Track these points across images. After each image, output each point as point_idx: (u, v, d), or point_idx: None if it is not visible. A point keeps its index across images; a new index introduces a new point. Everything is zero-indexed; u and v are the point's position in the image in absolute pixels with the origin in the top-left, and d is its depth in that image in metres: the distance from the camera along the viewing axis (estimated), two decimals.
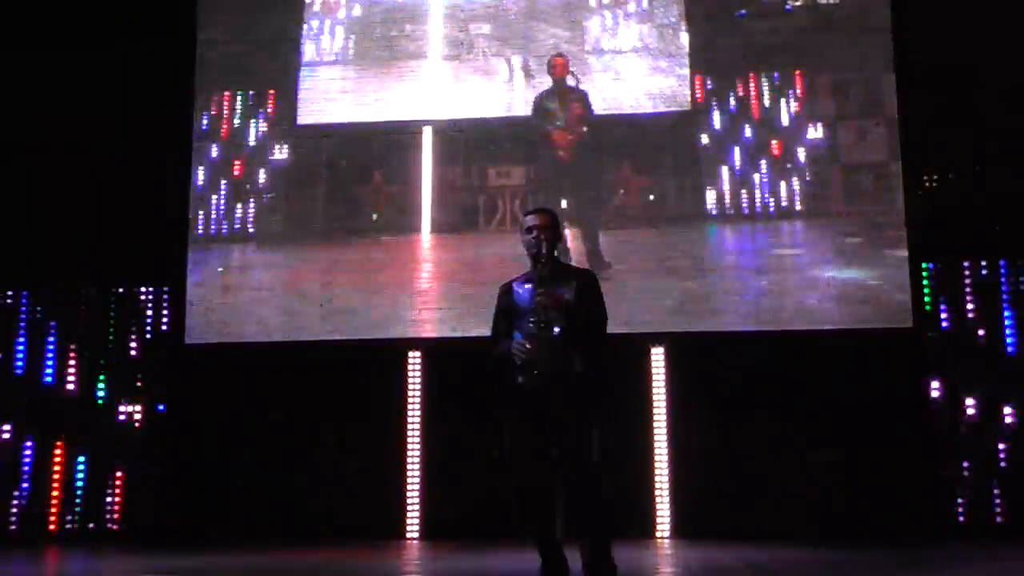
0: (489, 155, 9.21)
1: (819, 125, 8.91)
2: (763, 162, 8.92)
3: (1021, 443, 8.43)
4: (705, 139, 9.00)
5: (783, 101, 8.97)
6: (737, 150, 8.96)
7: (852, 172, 8.80)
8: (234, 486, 9.65)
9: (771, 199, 8.86)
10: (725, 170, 8.94)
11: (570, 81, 9.16)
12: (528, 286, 4.90)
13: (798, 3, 9.10)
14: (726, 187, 8.91)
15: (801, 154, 8.89)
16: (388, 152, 9.30)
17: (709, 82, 9.05)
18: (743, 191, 8.89)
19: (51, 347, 9.40)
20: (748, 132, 8.97)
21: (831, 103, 8.91)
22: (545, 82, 9.23)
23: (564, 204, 8.94)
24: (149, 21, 9.50)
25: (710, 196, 8.92)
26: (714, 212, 8.90)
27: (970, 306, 8.63)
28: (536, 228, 4.89)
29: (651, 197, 8.99)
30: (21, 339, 9.41)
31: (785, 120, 8.96)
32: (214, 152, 9.41)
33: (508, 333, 4.91)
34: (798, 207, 8.82)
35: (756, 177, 8.90)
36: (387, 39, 9.48)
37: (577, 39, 9.30)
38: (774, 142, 8.95)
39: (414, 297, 9.00)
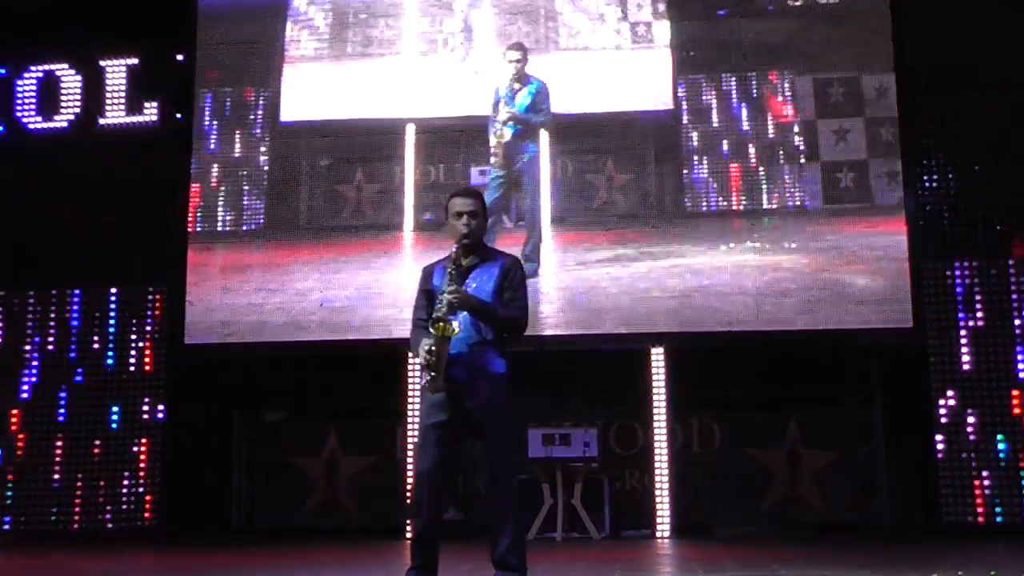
0: (472, 153, 9.15)
1: (818, 123, 8.89)
2: (762, 161, 8.90)
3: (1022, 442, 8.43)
4: (701, 137, 8.95)
5: (783, 99, 8.95)
6: (735, 148, 8.93)
7: (852, 171, 8.78)
8: (234, 486, 9.67)
9: (770, 198, 8.85)
10: (725, 168, 8.92)
11: (528, 71, 8.96)
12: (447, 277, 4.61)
13: (798, 2, 9.08)
14: (725, 186, 8.89)
15: (800, 153, 8.87)
16: (370, 150, 9.27)
17: (705, 80, 9.03)
18: (742, 190, 8.88)
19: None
20: (745, 130, 8.93)
21: (831, 102, 8.89)
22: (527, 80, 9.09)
23: (547, 204, 8.94)
24: (149, 17, 9.52)
25: (708, 195, 8.90)
26: (713, 210, 8.89)
27: (970, 306, 8.61)
28: (466, 214, 4.64)
29: (648, 196, 8.98)
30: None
31: (783, 118, 8.94)
32: (212, 151, 9.39)
33: (428, 320, 4.63)
34: (797, 206, 8.80)
35: (755, 176, 8.88)
36: (368, 37, 9.43)
37: (557, 35, 9.25)
38: (772, 140, 8.92)
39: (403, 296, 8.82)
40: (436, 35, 9.37)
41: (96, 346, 9.38)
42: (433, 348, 4.50)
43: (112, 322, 9.41)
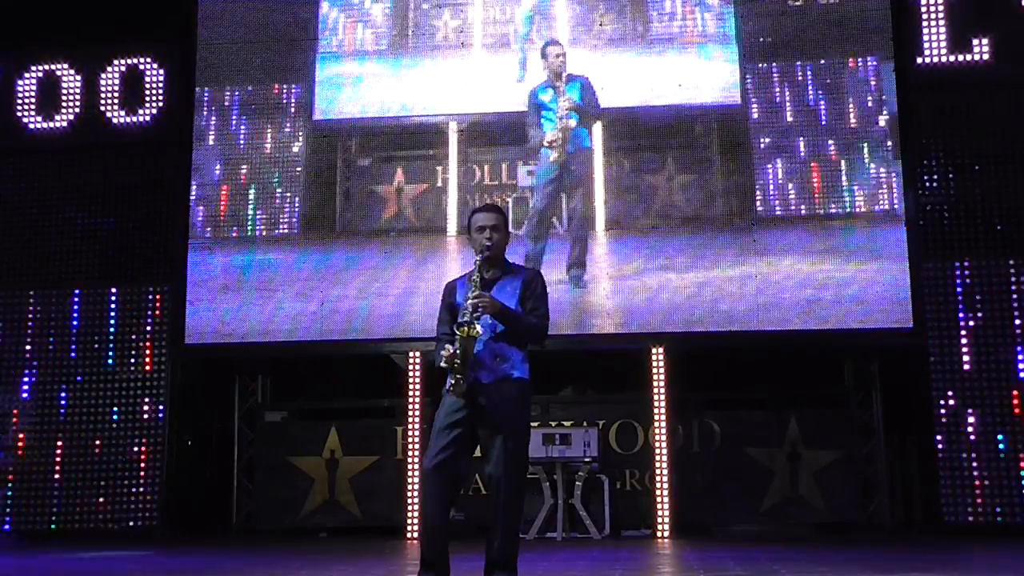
0: (520, 151, 9.01)
1: (820, 122, 8.88)
2: (843, 158, 8.79)
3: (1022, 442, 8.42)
4: (771, 132, 8.88)
5: (778, 100, 8.94)
6: (810, 145, 8.83)
7: (852, 171, 8.77)
8: (234, 486, 9.67)
9: (768, 198, 8.84)
10: (725, 170, 8.91)
11: (565, 73, 8.81)
12: (471, 286, 4.71)
13: (798, 3, 9.06)
14: (723, 187, 8.88)
15: (800, 152, 8.86)
16: (411, 149, 9.15)
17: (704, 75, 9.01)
18: (740, 190, 8.86)
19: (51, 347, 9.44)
20: (821, 125, 8.84)
21: (831, 101, 8.88)
22: (585, 73, 8.94)
23: (601, 206, 8.89)
24: (149, 17, 9.52)
25: (707, 196, 8.89)
26: (712, 212, 8.88)
27: (970, 306, 8.60)
28: (488, 228, 4.76)
29: (648, 197, 8.96)
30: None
31: (780, 119, 8.92)
32: (217, 151, 9.38)
33: (452, 333, 4.78)
34: (797, 206, 8.79)
35: (754, 177, 8.87)
36: (411, 29, 9.29)
37: (618, 30, 9.12)
38: (851, 135, 8.82)
39: (423, 297, 8.55)
40: (498, 30, 9.18)
41: (96, 346, 9.37)
42: (457, 351, 4.61)
43: (112, 322, 9.41)
